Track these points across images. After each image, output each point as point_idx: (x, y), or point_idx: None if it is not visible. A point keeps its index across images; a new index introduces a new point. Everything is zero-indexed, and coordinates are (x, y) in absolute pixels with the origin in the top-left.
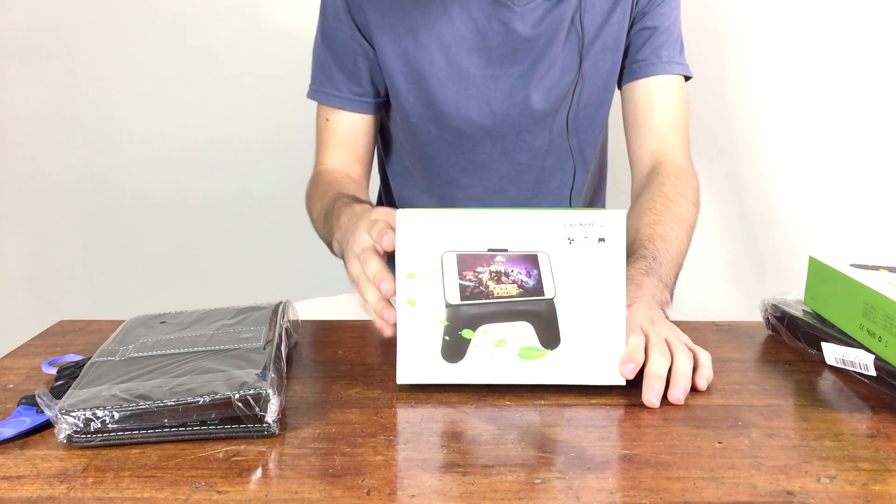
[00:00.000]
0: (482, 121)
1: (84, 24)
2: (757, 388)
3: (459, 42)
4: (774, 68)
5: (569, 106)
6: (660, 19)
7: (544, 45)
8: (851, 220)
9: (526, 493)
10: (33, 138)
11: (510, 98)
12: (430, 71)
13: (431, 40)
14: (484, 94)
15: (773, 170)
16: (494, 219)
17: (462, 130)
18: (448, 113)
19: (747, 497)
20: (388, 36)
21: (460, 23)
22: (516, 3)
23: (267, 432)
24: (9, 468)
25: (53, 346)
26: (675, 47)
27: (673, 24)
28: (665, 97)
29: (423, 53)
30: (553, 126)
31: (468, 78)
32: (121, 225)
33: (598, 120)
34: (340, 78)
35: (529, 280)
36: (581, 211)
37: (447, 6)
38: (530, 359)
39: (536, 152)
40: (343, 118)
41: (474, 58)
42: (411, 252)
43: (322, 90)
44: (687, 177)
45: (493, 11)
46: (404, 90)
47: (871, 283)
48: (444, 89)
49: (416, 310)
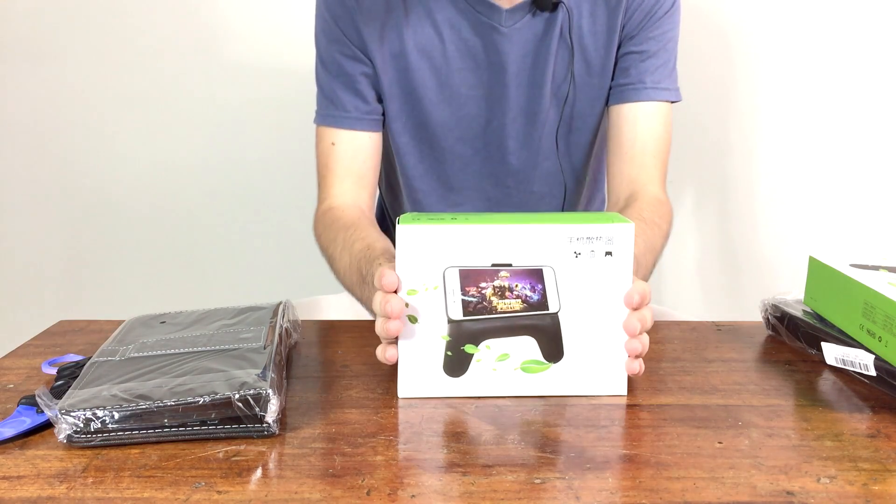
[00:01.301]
0: (472, 141)
1: (84, 24)
2: (757, 388)
3: (450, 63)
4: (775, 68)
5: (556, 126)
6: (649, 44)
7: (532, 67)
8: (851, 220)
9: (526, 493)
10: (33, 138)
11: (499, 119)
12: (423, 92)
13: (423, 61)
14: (474, 115)
15: (773, 170)
16: (498, 234)
17: (453, 151)
18: (438, 133)
19: (747, 497)
20: (382, 57)
21: (450, 43)
22: (503, 24)
23: (267, 432)
24: (9, 468)
25: (53, 346)
26: (663, 72)
27: (663, 49)
28: (648, 124)
29: (415, 74)
30: (542, 147)
31: (459, 98)
32: (121, 225)
33: (589, 140)
34: (345, 98)
35: (534, 295)
36: (588, 224)
37: (438, 27)
38: (533, 372)
39: (525, 174)
40: (351, 139)
41: (465, 78)
42: (412, 268)
43: (329, 114)
44: (664, 208)
45: (481, 32)
46: (396, 110)
47: (871, 283)
48: (435, 110)
49: (418, 326)
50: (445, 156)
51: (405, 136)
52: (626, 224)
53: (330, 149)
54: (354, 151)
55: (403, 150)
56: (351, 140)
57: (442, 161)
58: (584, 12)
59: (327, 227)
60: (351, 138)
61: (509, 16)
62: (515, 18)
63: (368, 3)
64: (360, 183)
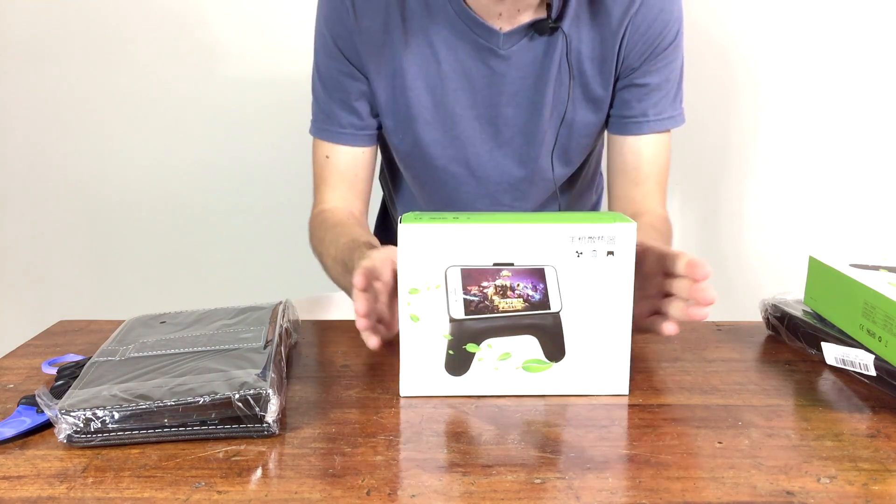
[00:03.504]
0: (466, 162)
1: (84, 24)
2: (757, 388)
3: (446, 83)
4: (775, 68)
5: (552, 148)
6: (651, 76)
7: (533, 88)
8: (851, 220)
9: (526, 493)
10: (34, 138)
11: (494, 140)
12: (417, 111)
13: (419, 81)
14: (468, 135)
15: (773, 169)
16: (500, 233)
17: (447, 170)
18: (432, 153)
19: (747, 497)
20: (379, 76)
21: (447, 63)
22: (501, 47)
23: (267, 432)
24: (9, 468)
25: (53, 346)
26: (666, 101)
27: (666, 80)
28: (652, 154)
29: (411, 94)
30: (537, 169)
31: (454, 118)
32: (121, 225)
33: (584, 162)
34: (341, 114)
35: (535, 294)
36: (590, 223)
37: (434, 48)
38: (534, 371)
39: (520, 194)
40: (345, 154)
41: (460, 98)
42: (414, 267)
43: (324, 128)
44: (668, 224)
45: (478, 55)
46: (392, 128)
47: (871, 283)
48: (430, 129)
49: (420, 324)
50: (439, 174)
51: (401, 154)
52: (628, 223)
53: (325, 161)
54: (347, 164)
55: (402, 166)
56: (345, 154)
57: (436, 179)
58: (584, 39)
59: (317, 227)
60: (345, 152)
61: (507, 39)
62: (513, 41)
63: (367, 22)
64: (352, 192)
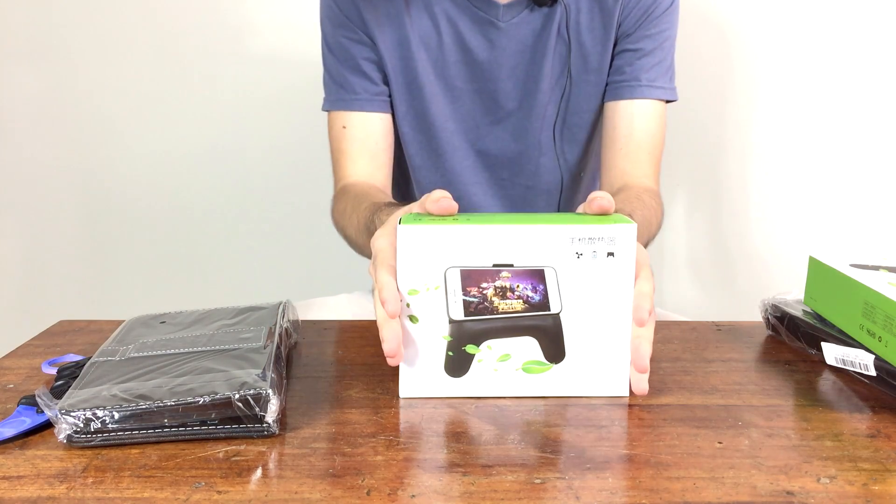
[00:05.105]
0: (468, 135)
1: (84, 24)
2: (757, 388)
3: (446, 55)
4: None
5: (554, 121)
6: (645, 42)
7: (530, 61)
8: (851, 220)
9: (526, 493)
10: (33, 138)
11: (495, 114)
12: (423, 82)
13: (422, 52)
14: (468, 109)
15: (773, 169)
16: (499, 234)
17: (451, 143)
18: (437, 125)
19: (747, 497)
20: (385, 43)
21: (447, 36)
22: (500, 19)
23: (267, 432)
24: (9, 468)
25: (53, 346)
26: (659, 70)
27: (660, 47)
28: (642, 121)
29: (416, 64)
30: (540, 142)
31: (454, 91)
32: (121, 225)
33: (586, 136)
34: (354, 80)
35: (535, 295)
36: (590, 225)
37: (436, 19)
38: (534, 372)
39: (522, 169)
40: (362, 121)
41: (461, 71)
42: (413, 268)
43: (339, 98)
44: (657, 198)
45: (478, 28)
46: (398, 97)
47: (871, 283)
48: (434, 101)
49: (419, 326)
50: (444, 147)
51: (406, 126)
52: (629, 225)
53: (342, 132)
54: (366, 133)
55: (406, 140)
56: (362, 122)
57: (441, 153)
58: (583, 8)
59: (339, 201)
60: (362, 120)
61: (506, 11)
62: (513, 14)
63: None
64: (373, 163)
